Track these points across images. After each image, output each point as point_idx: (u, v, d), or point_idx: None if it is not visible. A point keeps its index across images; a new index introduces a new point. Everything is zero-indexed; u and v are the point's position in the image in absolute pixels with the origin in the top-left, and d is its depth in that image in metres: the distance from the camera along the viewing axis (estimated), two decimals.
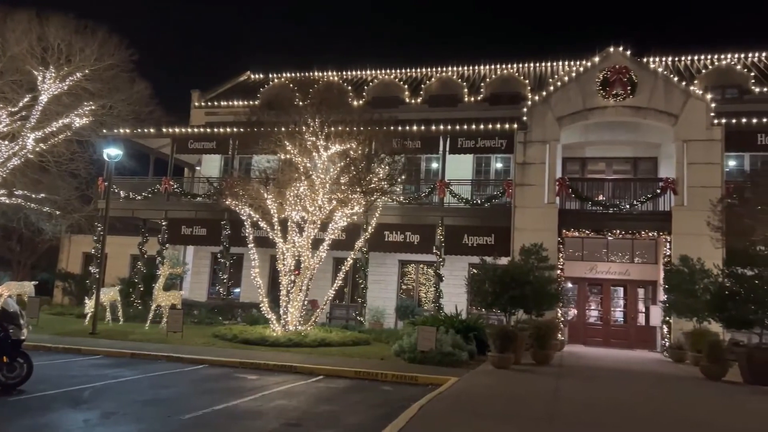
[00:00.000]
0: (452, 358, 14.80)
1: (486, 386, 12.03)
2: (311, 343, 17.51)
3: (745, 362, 14.48)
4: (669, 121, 21.43)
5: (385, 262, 25.32)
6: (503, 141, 23.20)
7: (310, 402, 10.45)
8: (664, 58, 28.71)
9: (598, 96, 22.02)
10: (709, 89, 22.93)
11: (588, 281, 24.21)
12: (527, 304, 16.17)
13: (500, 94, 27.48)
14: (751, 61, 28.06)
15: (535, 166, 22.24)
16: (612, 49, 22.18)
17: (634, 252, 23.82)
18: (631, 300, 23.83)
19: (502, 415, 9.27)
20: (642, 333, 23.17)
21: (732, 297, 14.61)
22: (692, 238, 19.71)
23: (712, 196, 19.66)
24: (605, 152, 24.63)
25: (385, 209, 21.77)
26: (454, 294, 22.39)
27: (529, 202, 22.00)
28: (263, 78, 34.85)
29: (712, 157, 20.80)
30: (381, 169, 19.44)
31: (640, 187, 22.31)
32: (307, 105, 19.93)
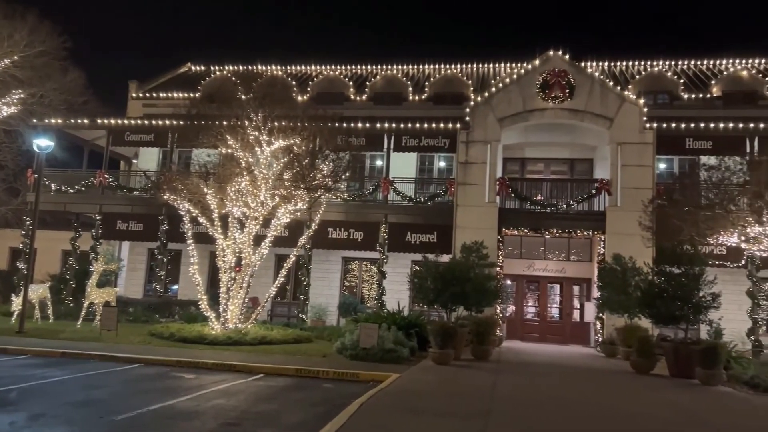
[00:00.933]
0: (394, 355, 14.90)
1: (426, 382, 12.17)
2: (251, 341, 17.27)
3: (672, 356, 15.19)
4: (604, 124, 22.21)
5: (329, 259, 25.24)
6: (446, 140, 23.50)
7: (250, 401, 10.30)
8: (601, 63, 29.74)
9: (537, 98, 22.60)
10: (642, 94, 23.93)
11: (526, 278, 24.85)
12: (468, 300, 16.44)
13: (444, 93, 27.82)
14: (680, 69, 29.39)
15: (476, 166, 22.63)
16: (552, 53, 22.80)
17: (570, 250, 24.60)
18: (566, 297, 24.60)
19: (441, 411, 9.40)
20: (576, 329, 23.96)
21: (660, 294, 15.27)
22: (625, 238, 20.50)
23: (644, 197, 20.51)
24: (544, 153, 25.33)
25: (329, 206, 21.69)
26: (397, 291, 22.55)
27: (471, 200, 22.37)
28: (204, 70, 34.07)
29: (644, 160, 21.70)
30: (325, 166, 19.36)
31: (577, 187, 23.06)
32: (250, 99, 19.61)
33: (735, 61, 28.86)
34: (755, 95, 25.16)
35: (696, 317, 15.17)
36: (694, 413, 10.50)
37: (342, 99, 28.32)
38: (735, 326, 19.62)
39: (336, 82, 29.90)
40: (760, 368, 15.23)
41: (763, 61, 28.83)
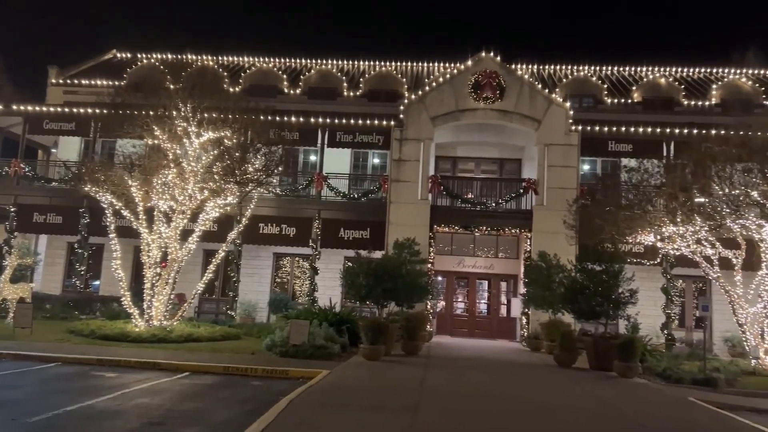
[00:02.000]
0: (325, 351, 14.82)
1: (356, 378, 12.19)
2: (177, 338, 16.76)
3: (592, 350, 15.85)
4: (532, 126, 22.88)
5: (260, 254, 24.84)
6: (380, 137, 23.59)
7: (175, 399, 10.00)
8: (530, 66, 30.62)
9: (469, 98, 23.02)
10: (568, 97, 24.81)
11: (456, 275, 25.30)
12: (399, 296, 16.57)
13: (378, 90, 27.94)
14: (605, 74, 30.66)
15: (410, 163, 22.83)
16: (483, 54, 23.28)
17: (499, 247, 25.23)
18: (494, 293, 25.22)
19: (371, 405, 9.44)
20: (503, 324, 24.61)
21: (582, 290, 15.91)
22: (550, 236, 21.20)
23: (569, 197, 21.28)
24: (475, 152, 25.85)
25: (260, 201, 21.33)
26: (329, 287, 22.44)
27: (404, 197, 22.56)
28: (131, 58, 32.78)
29: (569, 161, 22.51)
30: (257, 160, 19.00)
31: (506, 186, 23.67)
32: (179, 89, 18.98)
33: (654, 69, 30.37)
34: (672, 102, 26.57)
35: (615, 312, 15.91)
36: (611, 404, 10.99)
37: (275, 92, 27.91)
38: (651, 321, 20.69)
39: (269, 74, 29.44)
40: (672, 361, 16.16)
41: (679, 70, 30.49)
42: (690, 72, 30.52)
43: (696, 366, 14.97)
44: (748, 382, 14.80)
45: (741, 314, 17.71)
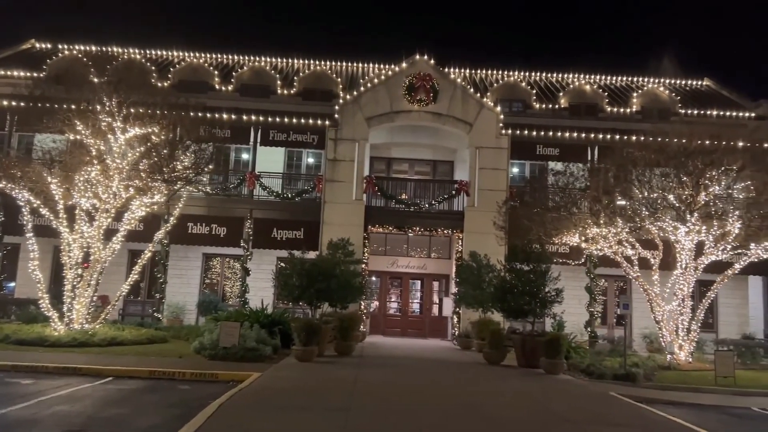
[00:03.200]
0: (256, 353, 14.57)
1: (289, 380, 12.05)
2: (100, 342, 16.06)
3: (520, 348, 16.30)
4: (464, 129, 23.31)
5: (188, 255, 24.14)
6: (315, 136, 23.43)
7: (97, 406, 9.57)
8: (463, 70, 31.14)
9: (404, 100, 23.23)
10: (499, 102, 25.42)
11: (390, 275, 25.45)
12: (333, 297, 16.50)
13: (313, 89, 27.70)
14: (533, 80, 31.59)
15: (344, 163, 22.80)
16: (418, 57, 23.54)
17: (432, 248, 25.57)
18: (427, 292, 25.53)
19: (303, 407, 9.35)
20: (435, 323, 24.95)
21: (511, 290, 16.34)
22: (481, 236, 21.66)
23: (499, 199, 21.81)
24: (409, 154, 26.09)
25: (189, 199, 20.73)
26: (261, 288, 22.09)
27: (339, 197, 22.50)
28: (51, 48, 31.16)
29: (500, 164, 23.07)
30: (186, 157, 18.44)
31: (438, 188, 24.02)
32: (103, 82, 18.19)
33: (580, 76, 31.55)
34: (596, 108, 27.67)
35: (542, 311, 16.43)
36: (537, 399, 11.34)
37: (206, 88, 27.22)
38: (575, 319, 21.49)
39: (200, 70, 28.69)
40: (595, 357, 16.84)
41: (603, 77, 31.79)
42: (613, 80, 31.88)
43: (617, 362, 15.64)
44: (664, 376, 15.60)
45: (658, 312, 18.63)
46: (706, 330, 22.14)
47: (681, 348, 18.16)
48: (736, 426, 10.61)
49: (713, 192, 17.22)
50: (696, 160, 16.98)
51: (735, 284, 22.76)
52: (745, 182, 17.31)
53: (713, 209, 17.30)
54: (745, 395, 13.66)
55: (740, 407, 12.40)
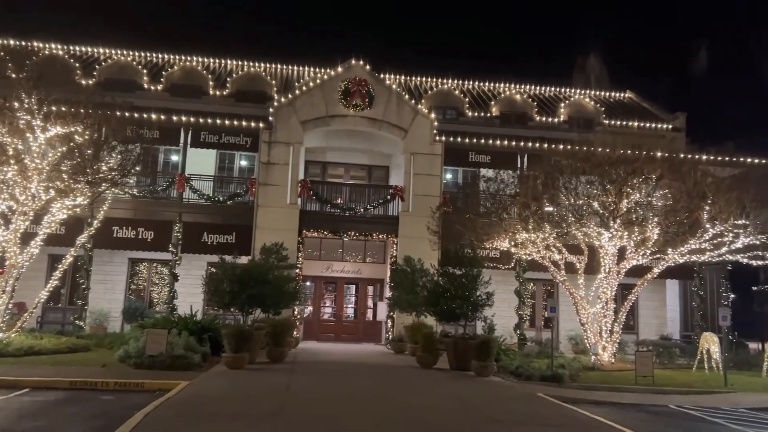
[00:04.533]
0: (184, 362, 14.13)
1: (218, 388, 11.75)
2: (16, 351, 15.18)
3: (452, 351, 16.52)
4: (399, 134, 23.52)
5: (113, 260, 23.20)
6: (248, 139, 23.04)
7: (12, 419, 9.02)
8: (398, 77, 31.43)
9: (339, 104, 23.20)
10: (433, 109, 25.79)
11: (324, 279, 25.31)
12: (266, 302, 16.21)
13: (247, 91, 27.24)
14: (467, 88, 32.24)
15: (279, 167, 22.53)
16: (353, 62, 23.58)
17: (367, 252, 25.60)
18: (361, 297, 25.54)
19: (232, 415, 9.14)
20: (370, 327, 24.97)
21: (444, 294, 16.56)
22: (415, 241, 21.87)
23: (432, 204, 22.11)
24: (344, 158, 26.05)
25: (115, 202, 19.98)
26: (191, 294, 21.47)
27: (272, 201, 22.21)
28: None
29: (434, 170, 23.39)
30: (111, 158, 17.75)
31: (374, 193, 24.09)
32: (22, 78, 17.26)
33: (510, 86, 32.44)
34: (526, 117, 28.51)
35: (473, 314, 16.74)
36: (467, 401, 11.52)
37: (134, 87, 26.32)
38: (505, 322, 22.00)
39: (128, 68, 27.72)
40: (524, 359, 17.30)
41: (533, 87, 32.81)
42: (542, 90, 32.94)
43: (544, 363, 16.11)
44: (588, 376, 16.19)
45: (583, 314, 19.35)
46: (628, 331, 23.15)
47: (604, 349, 18.90)
48: (654, 423, 11.12)
49: (634, 199, 18.04)
50: (619, 169, 17.74)
51: (654, 288, 23.92)
52: (663, 190, 18.22)
53: (634, 216, 18.12)
54: (663, 393, 14.35)
55: (659, 405, 13.01)
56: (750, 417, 12.10)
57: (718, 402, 13.53)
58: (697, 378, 17.15)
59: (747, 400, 13.85)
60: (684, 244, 18.19)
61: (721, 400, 13.77)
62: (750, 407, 13.07)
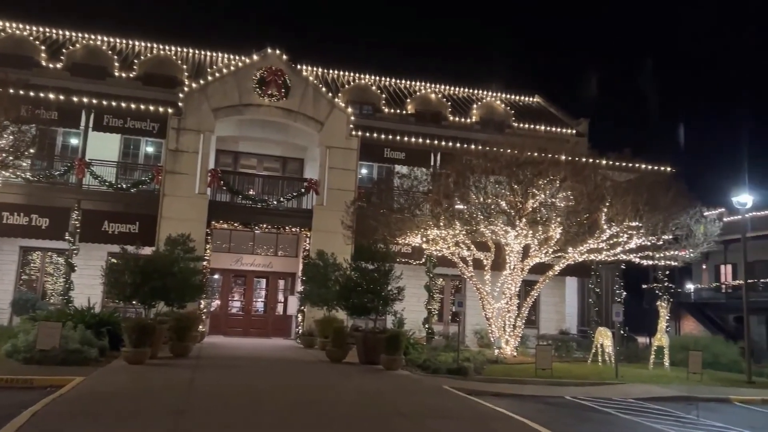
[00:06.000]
0: (80, 356, 13.36)
1: (116, 384, 11.19)
2: None
3: (362, 345, 16.60)
4: (315, 127, 23.32)
5: (2, 248, 21.59)
6: (156, 124, 22.09)
7: None
8: (315, 69, 31.14)
9: (254, 93, 22.69)
10: (350, 103, 25.71)
11: (233, 273, 24.71)
12: (169, 295, 15.64)
13: (155, 75, 26.00)
14: (383, 84, 32.40)
15: (187, 155, 21.76)
16: (270, 51, 23.13)
17: (278, 246, 25.23)
18: (272, 291, 25.14)
19: (131, 412, 8.73)
20: (279, 322, 24.65)
21: (356, 288, 16.60)
22: (329, 235, 21.78)
23: (347, 199, 22.08)
24: (258, 149, 25.51)
25: (6, 186, 18.68)
26: (89, 286, 20.32)
27: (180, 190, 21.43)
28: None
29: (349, 164, 23.38)
30: (3, 139, 16.49)
31: (287, 185, 23.76)
32: None
33: (426, 85, 32.94)
34: (440, 116, 29.04)
35: (384, 309, 16.87)
36: (374, 395, 11.61)
37: (31, 64, 24.53)
38: (414, 316, 22.34)
39: (24, 43, 25.79)
40: (431, 353, 17.67)
41: (447, 87, 33.47)
42: (456, 91, 33.68)
43: (451, 357, 16.52)
44: (492, 369, 16.76)
45: (488, 309, 20.00)
46: (530, 326, 24.12)
47: (507, 343, 19.64)
48: (551, 413, 11.66)
49: (539, 200, 18.82)
50: (526, 171, 18.45)
51: (555, 284, 25.09)
52: (566, 192, 19.11)
53: (539, 216, 18.92)
54: (560, 385, 15.09)
55: (556, 396, 13.67)
56: (637, 407, 12.97)
57: (610, 393, 14.40)
58: (592, 370, 18.16)
59: (635, 391, 14.83)
60: (583, 243, 19.19)
61: (613, 391, 14.67)
62: (638, 397, 14.00)
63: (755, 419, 12.79)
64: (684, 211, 19.38)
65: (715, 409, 13.35)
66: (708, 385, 16.57)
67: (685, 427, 10.92)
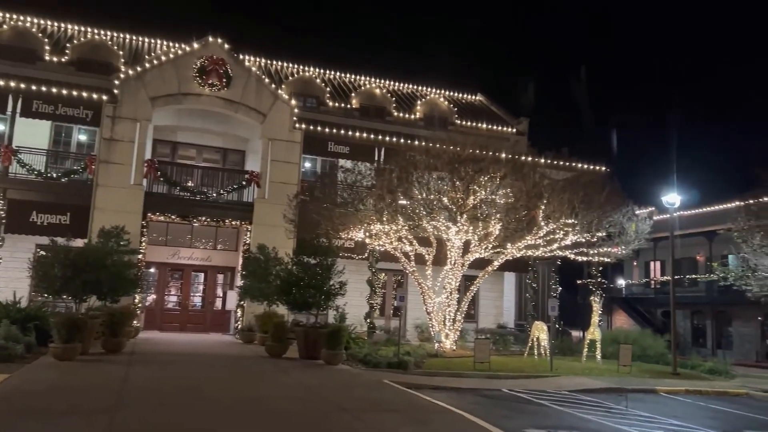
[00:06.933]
0: (5, 353, 12.72)
1: (44, 381, 10.71)
2: None
3: (302, 340, 16.49)
4: (258, 119, 22.93)
5: None
6: (89, 112, 21.23)
7: None
8: (258, 59, 30.57)
9: (194, 82, 22.12)
10: (293, 96, 25.39)
11: (170, 266, 24.07)
12: (102, 289, 15.12)
13: (90, 60, 24.91)
14: (328, 78, 32.18)
15: (123, 144, 21.02)
16: (211, 39, 22.58)
17: (218, 239, 24.71)
18: (210, 285, 24.62)
19: (61, 410, 8.36)
20: (218, 317, 24.18)
21: (297, 283, 16.46)
22: (270, 229, 21.49)
23: (290, 192, 21.84)
24: (197, 139, 24.86)
25: None
26: (15, 279, 19.31)
27: (114, 181, 20.69)
28: None
29: (292, 157, 23.13)
30: None
31: (228, 177, 23.29)
32: None
33: (371, 79, 32.90)
34: (384, 111, 29.08)
35: (326, 303, 16.83)
36: (315, 390, 11.56)
37: None
38: (356, 311, 22.36)
39: None
40: (372, 347, 17.73)
41: (392, 83, 33.54)
42: (401, 87, 33.78)
43: (392, 351, 16.63)
44: (432, 363, 16.96)
45: (429, 304, 20.23)
46: (469, 320, 24.58)
47: (447, 337, 19.92)
48: (488, 406, 11.90)
49: (480, 197, 19.13)
50: (467, 167, 18.71)
51: (494, 279, 25.61)
52: (506, 189, 19.51)
53: (479, 212, 19.24)
54: (498, 378, 15.44)
55: (493, 389, 13.97)
56: (570, 398, 13.40)
57: (545, 385, 14.83)
58: (528, 363, 18.65)
59: (569, 383, 15.33)
60: (521, 239, 19.65)
61: (547, 384, 15.11)
62: (571, 389, 14.48)
63: (679, 409, 13.45)
64: (617, 209, 20.13)
65: (643, 400, 13.96)
66: (637, 377, 17.31)
67: (614, 418, 11.36)
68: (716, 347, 30.37)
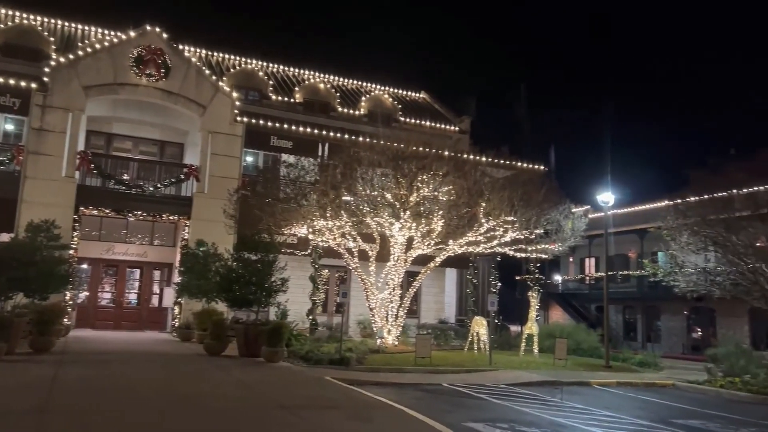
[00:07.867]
0: None
1: None
2: None
3: (242, 337, 16.23)
4: (197, 111, 22.38)
5: None
6: (17, 100, 20.24)
7: None
8: (198, 50, 29.80)
9: (130, 72, 21.39)
10: (235, 88, 24.90)
11: (104, 262, 23.24)
12: (30, 286, 14.51)
13: (18, 46, 23.68)
14: (271, 71, 31.71)
15: (54, 135, 20.13)
16: (149, 28, 21.90)
17: (155, 234, 24.01)
18: (146, 282, 23.92)
19: None
20: (154, 314, 23.50)
21: (238, 279, 16.19)
22: (210, 224, 21.02)
23: (230, 187, 21.41)
24: (133, 131, 24.05)
25: None
26: None
27: (44, 173, 19.80)
28: None
29: (233, 151, 22.69)
30: None
31: (165, 170, 22.65)
32: None
33: (315, 74, 32.62)
34: (329, 106, 28.93)
35: (267, 300, 16.61)
36: (254, 388, 11.40)
37: None
38: (298, 307, 22.12)
39: None
40: (314, 344, 17.62)
41: (336, 78, 33.38)
42: (345, 82, 33.67)
43: (333, 347, 16.56)
44: (374, 359, 16.99)
45: (372, 300, 20.27)
46: (411, 316, 24.75)
47: (389, 332, 20.02)
48: (428, 400, 12.02)
49: (423, 194, 19.28)
50: (411, 164, 18.82)
51: (435, 275, 25.91)
52: (448, 186, 19.72)
53: (422, 209, 19.39)
54: (438, 373, 15.62)
55: (433, 384, 14.12)
56: (508, 391, 13.70)
57: (484, 379, 15.11)
58: (468, 358, 18.96)
59: (507, 377, 15.67)
60: (463, 236, 19.94)
61: (486, 378, 15.40)
62: (509, 383, 14.80)
63: (611, 400, 13.96)
64: (554, 207, 20.69)
65: (577, 392, 14.41)
66: (571, 370, 17.87)
67: (550, 410, 11.68)
68: (646, 341, 31.69)
